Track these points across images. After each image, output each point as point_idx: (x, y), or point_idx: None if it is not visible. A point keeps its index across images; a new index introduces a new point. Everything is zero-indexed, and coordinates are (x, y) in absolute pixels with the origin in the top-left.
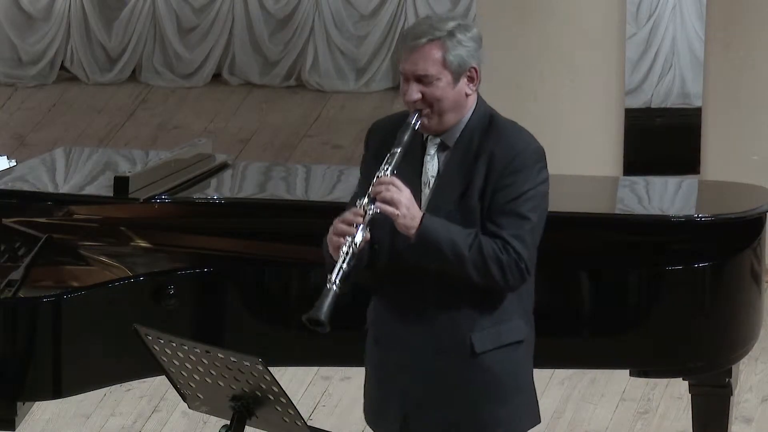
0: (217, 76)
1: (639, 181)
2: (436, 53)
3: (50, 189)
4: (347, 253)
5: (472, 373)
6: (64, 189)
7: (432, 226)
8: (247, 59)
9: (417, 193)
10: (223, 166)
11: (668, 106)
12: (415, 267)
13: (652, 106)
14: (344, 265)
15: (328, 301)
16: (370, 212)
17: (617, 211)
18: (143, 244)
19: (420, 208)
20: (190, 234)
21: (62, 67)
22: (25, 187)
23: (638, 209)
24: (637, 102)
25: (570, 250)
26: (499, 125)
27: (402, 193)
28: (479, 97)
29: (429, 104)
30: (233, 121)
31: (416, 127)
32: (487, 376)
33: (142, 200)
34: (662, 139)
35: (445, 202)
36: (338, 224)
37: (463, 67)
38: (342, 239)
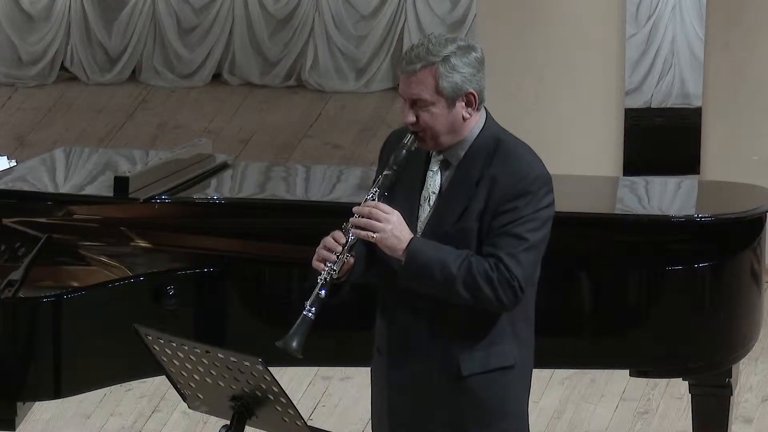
0: (217, 76)
1: (639, 181)
2: (429, 80)
3: (50, 189)
4: (325, 279)
5: (457, 396)
6: (64, 189)
7: (420, 247)
8: (247, 59)
9: (416, 209)
10: (223, 166)
11: (668, 106)
12: (408, 288)
13: (652, 106)
14: (321, 292)
15: (301, 330)
16: (350, 237)
17: (617, 211)
18: (143, 244)
19: (418, 224)
20: (190, 234)
21: (62, 67)
22: (25, 187)
23: (638, 209)
24: (637, 102)
25: (570, 250)
26: (505, 149)
27: (388, 217)
28: (489, 119)
29: (423, 128)
30: (233, 121)
31: (412, 149)
32: (473, 399)
33: (142, 200)
34: (662, 139)
35: (443, 222)
36: (320, 249)
37: (458, 92)
38: (322, 265)
